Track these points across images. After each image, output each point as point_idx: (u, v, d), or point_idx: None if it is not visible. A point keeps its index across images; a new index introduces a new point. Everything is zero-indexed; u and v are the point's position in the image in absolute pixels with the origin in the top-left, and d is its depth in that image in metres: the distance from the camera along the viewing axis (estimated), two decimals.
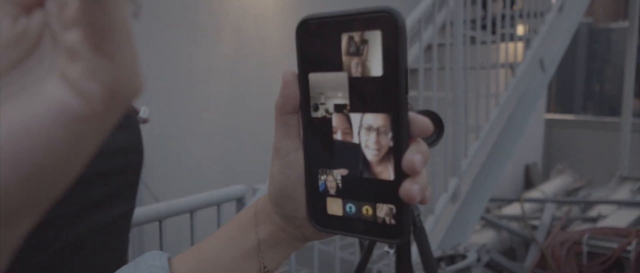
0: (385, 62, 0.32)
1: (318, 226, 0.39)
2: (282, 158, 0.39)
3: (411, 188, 0.33)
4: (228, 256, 0.41)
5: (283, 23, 3.23)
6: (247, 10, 2.99)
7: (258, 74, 3.12)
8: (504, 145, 2.85)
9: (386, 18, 0.32)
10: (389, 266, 2.14)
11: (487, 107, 2.67)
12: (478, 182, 2.63)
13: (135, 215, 1.30)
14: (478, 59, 2.69)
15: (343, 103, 0.35)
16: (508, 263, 3.26)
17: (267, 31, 3.15)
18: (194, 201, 1.44)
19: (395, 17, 0.31)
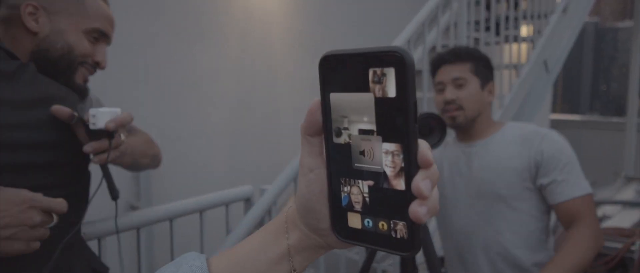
0: (397, 95, 0.36)
1: (340, 237, 0.43)
2: (306, 174, 0.44)
3: (418, 210, 0.37)
4: (261, 258, 0.45)
5: (288, 26, 3.27)
6: (253, 13, 3.02)
7: (263, 77, 3.15)
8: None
9: (397, 58, 0.36)
10: (394, 266, 2.17)
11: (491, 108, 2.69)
12: None
13: (146, 215, 1.34)
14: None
15: (369, 128, 0.39)
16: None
17: (273, 34, 3.19)
18: (204, 202, 1.47)
19: (404, 57, 0.36)
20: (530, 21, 3.15)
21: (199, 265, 0.44)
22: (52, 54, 0.92)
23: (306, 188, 0.44)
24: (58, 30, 0.93)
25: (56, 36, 0.93)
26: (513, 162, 1.42)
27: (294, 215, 0.46)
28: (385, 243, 0.40)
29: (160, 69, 2.59)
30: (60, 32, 0.93)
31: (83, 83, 0.99)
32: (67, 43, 0.93)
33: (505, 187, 1.43)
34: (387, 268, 2.31)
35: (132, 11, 2.46)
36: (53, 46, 0.92)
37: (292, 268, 0.46)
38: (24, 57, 0.92)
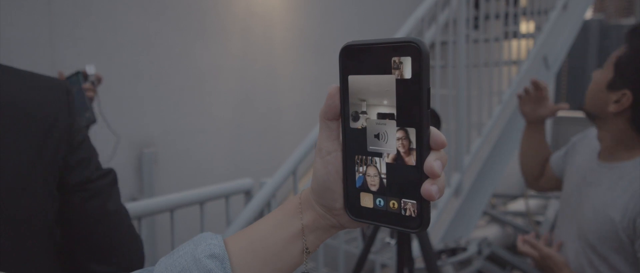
0: (412, 80, 0.40)
1: (352, 216, 0.46)
2: (324, 156, 0.46)
3: (431, 188, 0.40)
4: (276, 237, 0.48)
5: (290, 23, 3.30)
6: (255, 11, 3.05)
7: (265, 74, 3.18)
8: (506, 142, 2.89)
9: (414, 47, 0.39)
10: (392, 259, 2.20)
11: (490, 104, 2.72)
12: (480, 178, 2.68)
13: (147, 205, 1.37)
14: (481, 57, 2.73)
15: (386, 111, 0.42)
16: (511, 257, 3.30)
17: (274, 31, 3.21)
18: (204, 193, 1.51)
19: (420, 47, 0.39)
20: (530, 17, 3.16)
21: (216, 243, 0.47)
22: None
23: (324, 170, 0.46)
24: None
25: None
26: (612, 210, 1.14)
27: (308, 196, 0.49)
28: (395, 221, 0.43)
29: (163, 66, 2.63)
30: None
31: None
32: None
33: (596, 237, 1.17)
34: (386, 261, 2.34)
35: (135, 9, 2.50)
36: None
37: (305, 246, 0.48)
38: None
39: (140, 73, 2.53)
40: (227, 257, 0.46)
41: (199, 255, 0.45)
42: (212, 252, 0.46)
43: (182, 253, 0.46)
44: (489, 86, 2.75)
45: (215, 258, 0.45)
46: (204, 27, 2.84)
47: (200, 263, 0.45)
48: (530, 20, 3.21)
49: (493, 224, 3.99)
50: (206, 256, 0.45)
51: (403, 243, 1.57)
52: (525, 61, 2.92)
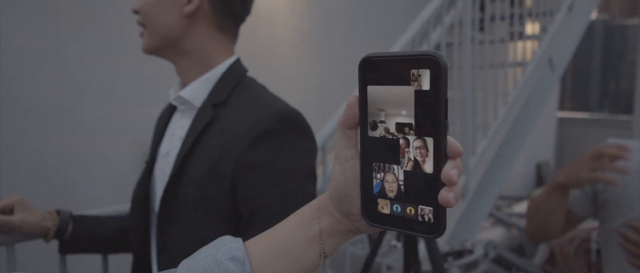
0: (431, 92, 0.41)
1: (369, 221, 0.47)
2: (342, 163, 0.47)
3: (448, 195, 0.41)
4: (294, 241, 0.49)
5: (294, 25, 3.30)
6: (259, 12, 3.06)
7: (269, 75, 3.18)
8: (512, 143, 2.88)
9: (432, 60, 0.40)
10: (399, 261, 2.20)
11: (495, 106, 2.71)
12: (486, 179, 2.67)
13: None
14: (486, 58, 2.73)
15: (405, 121, 0.43)
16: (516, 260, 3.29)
17: (278, 33, 3.22)
18: None
19: (439, 60, 0.40)
20: (536, 18, 3.15)
21: (237, 246, 0.49)
22: None
23: (342, 177, 0.47)
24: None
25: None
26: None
27: (325, 202, 0.50)
28: (412, 226, 0.44)
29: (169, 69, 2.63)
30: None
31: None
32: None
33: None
34: (393, 263, 2.34)
35: None
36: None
37: (322, 251, 0.49)
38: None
39: (146, 76, 2.54)
40: (247, 260, 0.47)
41: (220, 258, 0.47)
42: (233, 255, 0.47)
43: (204, 256, 0.48)
44: (495, 87, 2.74)
45: (236, 261, 0.47)
46: None
47: (222, 265, 0.46)
48: (535, 22, 3.20)
49: (498, 226, 3.98)
50: (227, 259, 0.47)
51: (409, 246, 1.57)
52: (531, 63, 2.92)
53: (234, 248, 0.48)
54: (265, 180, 0.82)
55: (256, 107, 0.87)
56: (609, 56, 13.67)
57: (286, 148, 0.84)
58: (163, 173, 0.96)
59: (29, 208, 0.96)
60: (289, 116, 0.86)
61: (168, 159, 0.96)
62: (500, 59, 2.86)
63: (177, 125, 0.98)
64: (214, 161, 0.85)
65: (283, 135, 0.84)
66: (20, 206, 0.95)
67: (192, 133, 0.89)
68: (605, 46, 13.85)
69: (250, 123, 0.84)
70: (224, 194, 0.84)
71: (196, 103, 0.92)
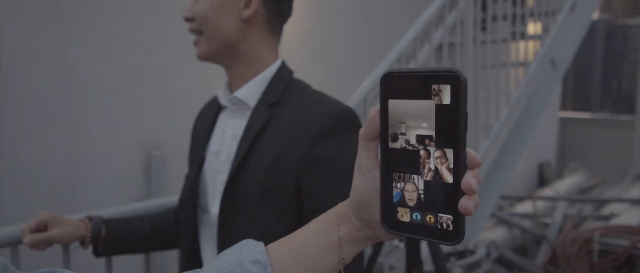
0: (451, 106, 0.43)
1: (388, 229, 0.49)
2: (363, 173, 0.49)
3: (468, 204, 0.43)
4: (314, 247, 0.51)
5: (296, 25, 3.30)
6: None
7: None
8: (514, 144, 2.88)
9: (453, 76, 0.43)
10: (401, 261, 2.20)
11: (497, 106, 2.71)
12: (488, 179, 2.67)
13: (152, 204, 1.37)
14: (488, 58, 2.72)
15: (426, 133, 0.45)
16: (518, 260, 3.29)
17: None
18: None
19: (459, 76, 0.42)
20: (538, 18, 3.15)
21: (259, 250, 0.51)
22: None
23: (363, 186, 0.49)
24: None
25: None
26: None
27: (345, 210, 0.52)
28: (431, 234, 0.46)
29: (170, 69, 2.63)
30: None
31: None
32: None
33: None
34: (394, 263, 2.34)
35: (141, 11, 2.51)
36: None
37: (341, 257, 0.51)
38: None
39: (148, 76, 2.54)
40: (268, 263, 0.49)
41: (243, 260, 0.49)
42: (256, 258, 0.49)
43: (227, 258, 0.50)
44: (497, 87, 2.74)
45: (258, 264, 0.49)
46: None
47: (245, 267, 0.48)
48: (537, 22, 3.19)
49: (500, 226, 3.98)
50: (250, 261, 0.49)
51: (412, 246, 1.57)
52: (533, 63, 2.91)
53: (257, 251, 0.50)
54: (327, 174, 0.89)
55: (315, 105, 0.93)
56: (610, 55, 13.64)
57: (344, 145, 0.90)
58: (215, 171, 0.99)
59: (61, 221, 1.01)
60: (346, 114, 0.93)
61: (220, 157, 0.99)
62: (502, 59, 2.85)
63: (228, 125, 1.01)
64: (276, 158, 0.90)
65: (341, 132, 0.91)
66: (52, 221, 1.00)
67: (250, 132, 0.93)
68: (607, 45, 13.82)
69: (312, 121, 0.90)
70: (288, 188, 0.89)
71: (250, 103, 0.96)
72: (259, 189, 0.90)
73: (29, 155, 2.11)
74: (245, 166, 0.92)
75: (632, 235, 3.20)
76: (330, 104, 0.94)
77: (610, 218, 3.84)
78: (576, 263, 3.20)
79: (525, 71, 2.89)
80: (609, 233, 3.27)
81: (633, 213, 3.83)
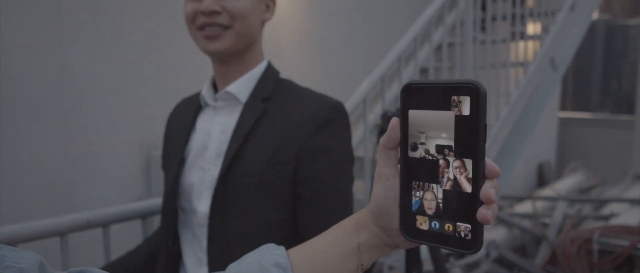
0: (470, 117, 0.44)
1: (407, 236, 0.50)
2: (383, 182, 0.50)
3: (487, 213, 0.44)
4: (333, 253, 0.52)
5: (296, 25, 3.30)
6: None
7: None
8: (514, 144, 2.88)
9: (473, 88, 0.44)
10: (400, 261, 2.20)
11: (497, 106, 2.71)
12: None
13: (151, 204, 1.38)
14: (488, 58, 2.72)
15: (445, 143, 0.46)
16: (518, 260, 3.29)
17: (280, 33, 3.22)
18: None
19: (479, 89, 0.43)
20: (537, 18, 3.15)
21: (280, 254, 0.52)
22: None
23: (383, 194, 0.50)
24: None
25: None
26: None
27: (365, 217, 0.53)
28: (449, 242, 0.47)
29: (170, 68, 2.64)
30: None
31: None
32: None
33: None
34: (394, 263, 2.34)
35: (142, 11, 2.51)
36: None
37: (360, 263, 0.52)
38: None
39: (148, 76, 2.55)
40: (289, 267, 0.51)
41: (264, 263, 0.51)
42: (277, 261, 0.51)
43: (249, 261, 0.52)
44: (496, 87, 2.74)
45: (279, 267, 0.50)
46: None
47: (266, 270, 0.50)
48: (537, 22, 3.20)
49: (500, 226, 3.98)
50: (271, 264, 0.50)
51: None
52: (533, 63, 2.92)
53: (278, 255, 0.52)
54: (326, 163, 0.93)
55: (312, 99, 0.99)
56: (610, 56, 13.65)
57: (340, 136, 0.97)
58: (201, 170, 1.00)
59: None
60: (340, 108, 0.99)
61: (207, 155, 1.00)
62: (501, 59, 2.86)
63: (214, 122, 1.02)
64: (274, 150, 0.93)
65: (337, 124, 0.97)
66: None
67: (243, 126, 0.96)
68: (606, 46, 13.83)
69: (311, 113, 0.95)
70: (285, 178, 0.93)
71: (242, 98, 1.00)
72: (256, 181, 0.92)
73: (29, 155, 2.11)
74: (239, 160, 0.94)
75: (631, 235, 3.20)
76: (326, 98, 1.00)
77: (610, 218, 3.84)
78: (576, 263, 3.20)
79: (525, 71, 2.89)
80: (608, 233, 3.28)
81: (633, 213, 3.83)
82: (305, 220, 0.94)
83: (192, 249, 1.01)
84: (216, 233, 0.94)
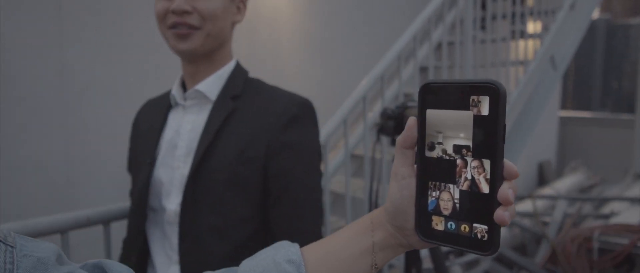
0: (489, 117, 0.43)
1: (422, 236, 0.49)
2: (399, 181, 0.50)
3: (504, 214, 0.43)
4: (348, 251, 0.52)
5: (296, 25, 3.30)
6: (261, 13, 3.06)
7: (272, 77, 3.17)
8: (514, 143, 2.88)
9: (493, 88, 0.43)
10: (400, 260, 2.20)
11: None
12: None
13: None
14: (488, 57, 2.72)
15: (463, 143, 0.45)
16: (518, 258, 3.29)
17: (281, 32, 3.22)
18: None
19: (499, 88, 0.43)
20: (537, 17, 3.15)
21: (294, 250, 0.52)
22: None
23: (399, 193, 0.50)
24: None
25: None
26: None
27: (380, 216, 0.52)
28: (465, 243, 0.46)
29: (170, 69, 2.64)
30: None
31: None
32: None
33: None
34: (393, 262, 2.34)
35: (142, 11, 2.52)
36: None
37: (374, 262, 0.52)
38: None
39: (147, 76, 2.55)
40: (302, 263, 0.51)
41: (278, 259, 0.51)
42: (290, 258, 0.51)
43: (263, 257, 0.52)
44: None
45: (293, 263, 0.51)
46: None
47: (280, 266, 0.50)
48: (537, 20, 3.19)
49: None
50: (285, 260, 0.51)
51: None
52: (533, 61, 2.91)
53: (291, 252, 0.52)
54: (295, 159, 0.96)
55: (280, 96, 1.01)
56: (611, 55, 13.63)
57: (308, 132, 0.99)
58: (170, 167, 1.00)
59: None
60: (307, 104, 1.02)
61: (177, 152, 1.00)
62: (501, 58, 2.86)
63: (184, 120, 1.03)
64: (244, 146, 0.95)
65: (305, 120, 0.99)
66: None
67: (213, 123, 0.97)
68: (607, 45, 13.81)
69: (278, 111, 0.97)
70: (256, 174, 0.95)
71: (211, 96, 1.01)
72: (227, 176, 0.94)
73: (29, 154, 2.11)
74: (209, 156, 0.95)
75: (632, 234, 3.20)
76: (294, 96, 1.03)
77: (610, 217, 3.84)
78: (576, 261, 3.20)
79: (525, 69, 2.89)
80: (608, 232, 3.27)
81: (633, 212, 3.83)
82: (275, 214, 0.95)
83: (162, 248, 1.01)
84: (187, 230, 0.95)
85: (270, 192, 0.95)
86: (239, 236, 0.94)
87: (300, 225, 0.95)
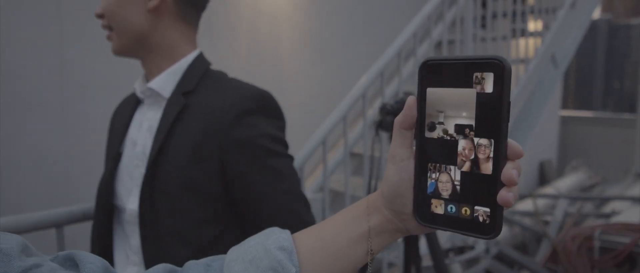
0: (494, 95, 0.41)
1: (421, 220, 0.47)
2: (397, 163, 0.48)
3: (508, 195, 0.41)
4: (343, 237, 0.50)
5: (296, 22, 3.30)
6: (261, 10, 3.06)
7: (272, 73, 3.19)
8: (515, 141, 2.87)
9: (498, 64, 0.41)
10: (400, 258, 2.19)
11: None
12: None
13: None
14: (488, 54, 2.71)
15: (465, 123, 0.43)
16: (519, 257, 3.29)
17: (281, 30, 3.22)
18: None
19: (504, 64, 0.41)
20: (538, 15, 3.15)
21: (285, 237, 0.50)
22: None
23: (397, 176, 0.47)
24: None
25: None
26: None
27: (376, 201, 0.50)
28: (466, 227, 0.44)
29: None
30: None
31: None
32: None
33: None
34: (393, 260, 2.33)
35: None
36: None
37: (369, 248, 0.50)
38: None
39: None
40: (294, 250, 0.48)
41: (269, 246, 0.48)
42: (282, 245, 0.49)
43: (253, 244, 0.50)
44: None
45: (284, 250, 0.48)
46: (210, 27, 2.85)
47: (271, 253, 0.48)
48: (537, 19, 3.19)
49: None
50: (276, 247, 0.48)
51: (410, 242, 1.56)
52: (533, 60, 2.91)
53: (283, 238, 0.49)
54: (250, 159, 0.88)
55: (230, 90, 0.92)
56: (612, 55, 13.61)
57: (259, 125, 0.90)
58: (133, 165, 0.96)
59: None
60: (263, 97, 0.93)
61: (136, 150, 0.97)
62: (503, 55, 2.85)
63: (144, 117, 0.99)
64: (196, 144, 0.88)
65: (259, 113, 0.91)
66: None
67: (165, 122, 0.91)
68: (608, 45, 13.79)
69: (228, 105, 0.89)
70: (212, 175, 0.88)
71: (165, 93, 0.95)
72: (180, 178, 0.88)
73: (27, 151, 2.11)
74: (162, 157, 0.90)
75: (632, 233, 3.19)
76: (247, 88, 0.94)
77: (611, 216, 3.83)
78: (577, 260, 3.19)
79: (526, 68, 2.89)
80: (609, 231, 3.27)
81: (634, 211, 3.82)
82: (249, 217, 0.91)
83: (122, 246, 0.98)
84: (148, 233, 0.91)
85: (235, 197, 0.89)
86: (200, 239, 0.89)
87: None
